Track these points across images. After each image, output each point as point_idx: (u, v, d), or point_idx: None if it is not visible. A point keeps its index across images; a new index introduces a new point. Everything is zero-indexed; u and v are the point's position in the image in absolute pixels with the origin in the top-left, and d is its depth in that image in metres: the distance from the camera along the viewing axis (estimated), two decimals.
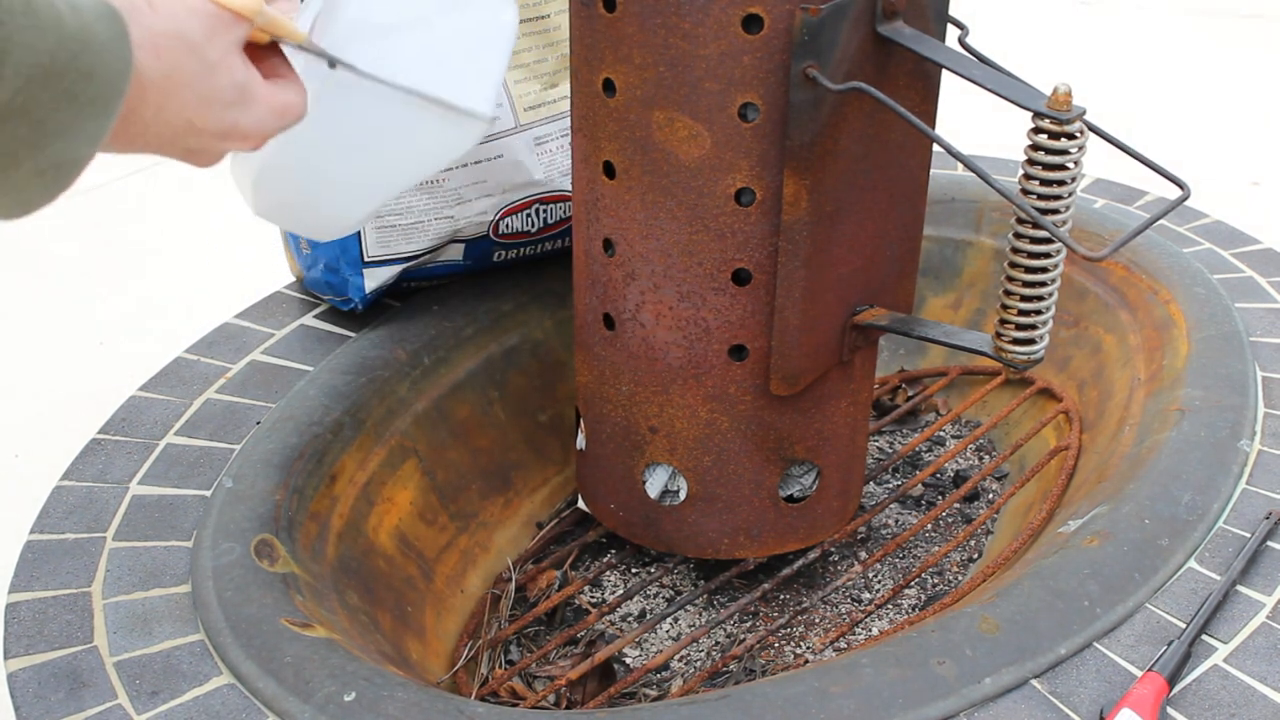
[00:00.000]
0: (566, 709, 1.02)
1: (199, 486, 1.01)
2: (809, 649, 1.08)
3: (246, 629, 0.86)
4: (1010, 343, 0.90)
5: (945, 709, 0.80)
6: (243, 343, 1.19)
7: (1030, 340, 0.90)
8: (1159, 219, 0.87)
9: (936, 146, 0.87)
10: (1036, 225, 0.83)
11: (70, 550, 0.95)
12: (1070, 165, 0.82)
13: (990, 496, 1.28)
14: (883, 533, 1.23)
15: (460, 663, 1.05)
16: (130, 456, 1.05)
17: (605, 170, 0.93)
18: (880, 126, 0.90)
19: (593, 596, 1.17)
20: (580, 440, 1.09)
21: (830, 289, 0.93)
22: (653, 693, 1.05)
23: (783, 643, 1.09)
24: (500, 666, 1.08)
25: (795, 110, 0.83)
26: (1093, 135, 0.86)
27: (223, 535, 0.94)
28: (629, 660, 1.09)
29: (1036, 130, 0.82)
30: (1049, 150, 0.82)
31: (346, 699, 0.80)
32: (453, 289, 1.26)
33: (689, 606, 1.13)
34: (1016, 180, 0.86)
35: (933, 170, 0.98)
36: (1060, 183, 0.83)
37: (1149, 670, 0.81)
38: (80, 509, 1.00)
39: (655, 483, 1.04)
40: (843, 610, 1.13)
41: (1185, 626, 0.86)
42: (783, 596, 1.14)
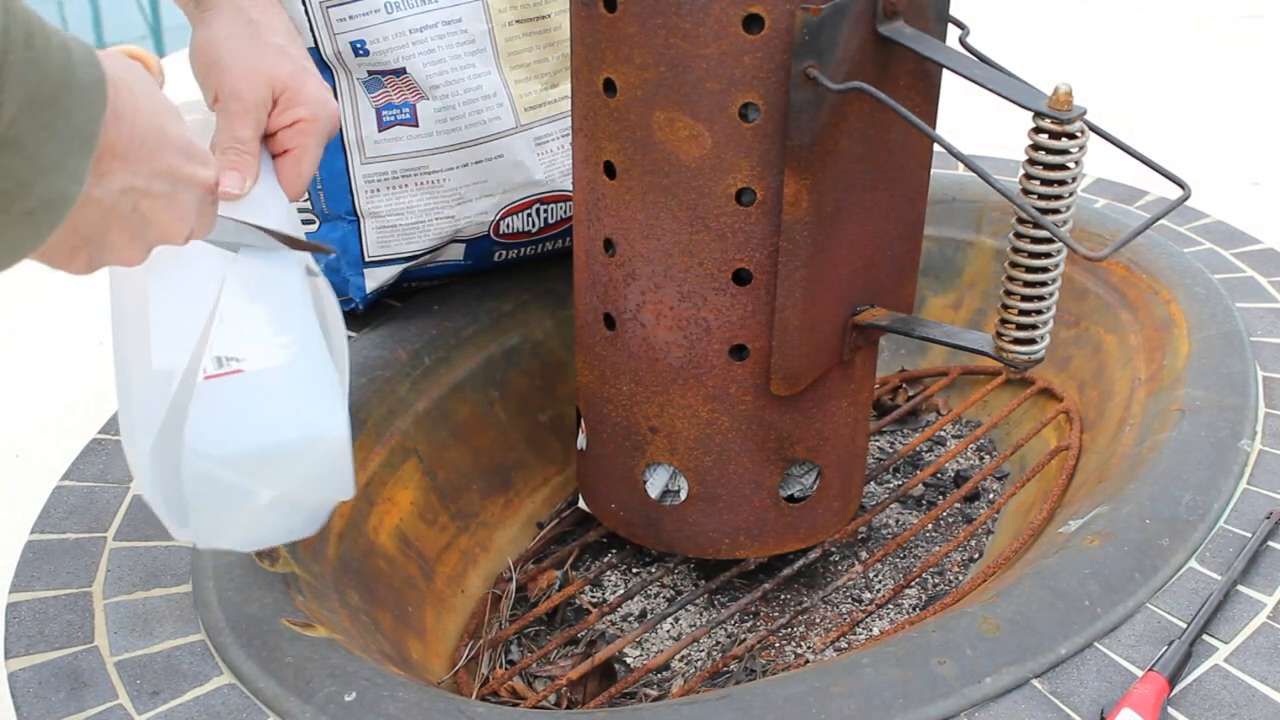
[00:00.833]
0: (567, 709, 1.02)
1: None
2: (809, 649, 1.08)
3: (247, 629, 0.86)
4: (1011, 343, 0.90)
5: (946, 709, 0.80)
6: None
7: (1031, 340, 0.90)
8: (1160, 219, 0.87)
9: (937, 146, 0.87)
10: (1037, 225, 0.83)
11: (71, 550, 0.95)
12: (1071, 165, 0.82)
13: (991, 496, 1.28)
14: (883, 533, 1.23)
15: (461, 663, 1.05)
16: None
17: (606, 170, 0.93)
18: (881, 127, 0.90)
19: (593, 596, 1.17)
20: (581, 440, 1.09)
21: (831, 289, 0.93)
22: (653, 693, 1.05)
23: (783, 643, 1.09)
24: (501, 666, 1.08)
25: (796, 110, 0.83)
26: (1093, 135, 0.86)
27: None
28: (630, 660, 1.09)
29: (1037, 130, 0.82)
30: (1050, 150, 0.82)
31: (347, 699, 0.80)
32: (453, 289, 1.26)
33: (690, 606, 1.13)
34: (1017, 180, 0.86)
35: (933, 170, 0.98)
36: (1061, 182, 0.83)
37: (1150, 670, 0.81)
38: (81, 509, 1.00)
39: (656, 482, 1.04)
40: (843, 610, 1.13)
41: (1186, 626, 0.86)
42: (783, 596, 1.14)
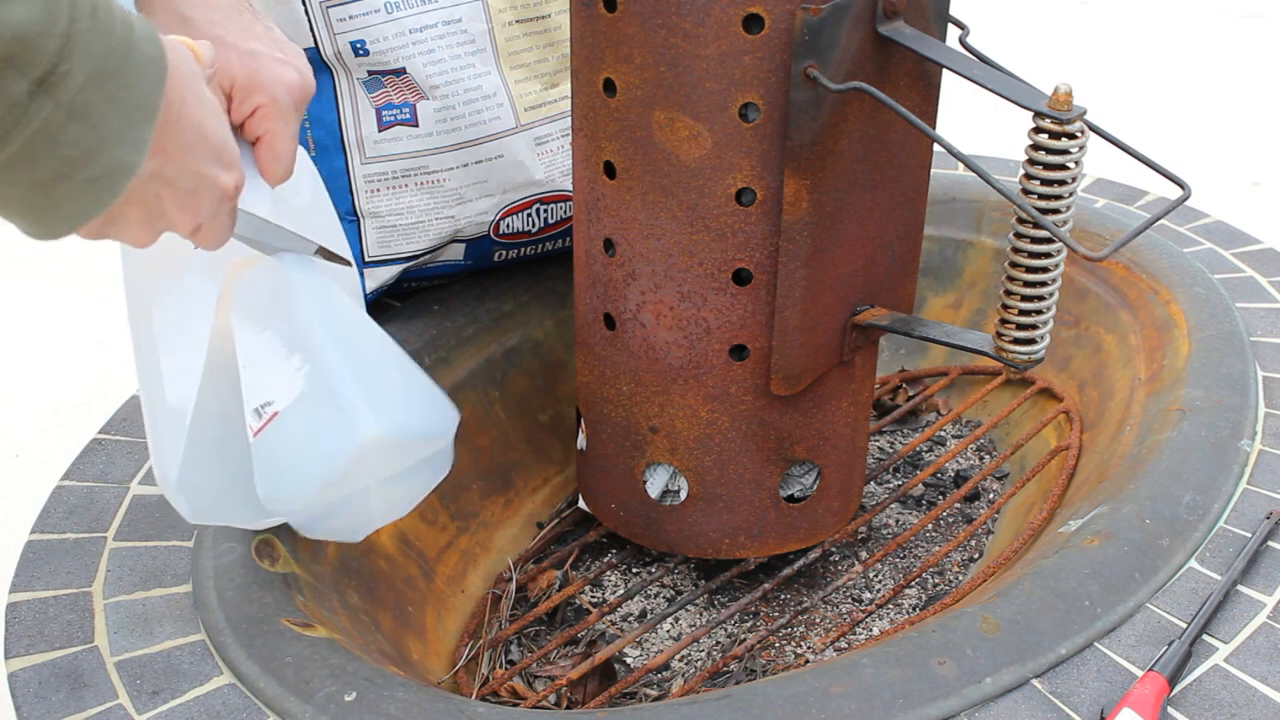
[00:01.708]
0: (567, 709, 1.02)
1: None
2: (810, 649, 1.08)
3: (247, 629, 0.86)
4: (1011, 342, 0.90)
5: (946, 709, 0.80)
6: None
7: (1031, 340, 0.90)
8: (1160, 219, 0.87)
9: (937, 146, 0.87)
10: (1037, 225, 0.83)
11: (71, 550, 0.95)
12: (1071, 165, 0.82)
13: (991, 496, 1.28)
14: (883, 532, 1.23)
15: (461, 663, 1.05)
16: (131, 456, 1.05)
17: (606, 170, 0.93)
18: (881, 126, 0.90)
19: (593, 596, 1.17)
20: (581, 440, 1.09)
21: (831, 289, 0.93)
22: (653, 692, 1.05)
23: (783, 642, 1.09)
24: (501, 666, 1.08)
25: (796, 110, 0.83)
26: (1093, 135, 0.86)
27: (223, 535, 0.94)
28: (629, 660, 1.09)
29: (1037, 130, 0.82)
30: (1050, 150, 0.82)
31: (347, 699, 0.80)
32: (453, 289, 1.26)
33: (689, 606, 1.13)
34: (1017, 180, 0.86)
35: (933, 170, 0.98)
36: (1061, 182, 0.83)
37: (1150, 670, 0.81)
38: (81, 509, 1.00)
39: (656, 482, 1.04)
40: (843, 610, 1.13)
41: (1186, 626, 0.86)
42: (783, 596, 1.14)
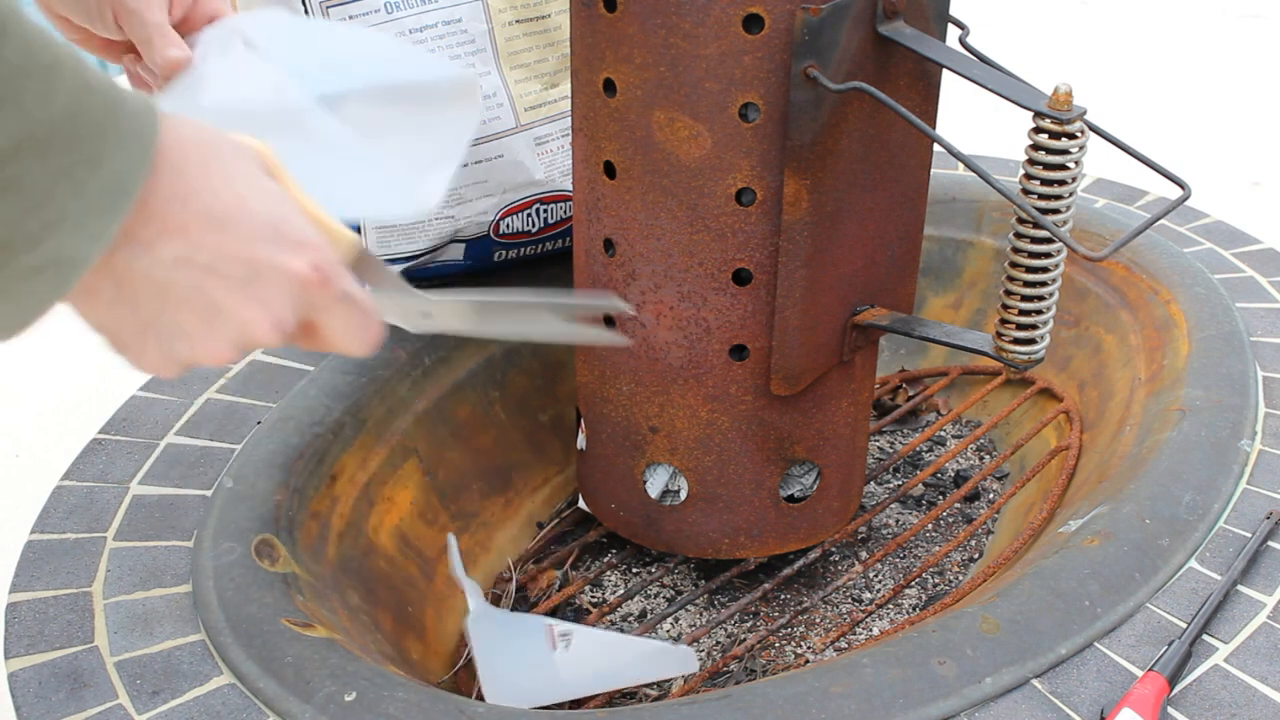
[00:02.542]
0: (568, 709, 1.02)
1: (200, 486, 1.01)
2: (810, 649, 1.08)
3: (247, 629, 0.86)
4: (1011, 342, 0.90)
5: (946, 709, 0.80)
6: None
7: (1031, 340, 0.90)
8: (1160, 219, 0.87)
9: (937, 146, 0.87)
10: (1037, 225, 0.83)
11: (71, 550, 0.95)
12: (1071, 165, 0.82)
13: (991, 496, 1.28)
14: (883, 532, 1.23)
15: (461, 662, 1.05)
16: (131, 456, 1.05)
17: (606, 170, 0.93)
18: (881, 126, 0.90)
19: (593, 596, 1.17)
20: (581, 440, 1.09)
21: (831, 289, 0.93)
22: (653, 693, 1.05)
23: (783, 642, 1.09)
24: None
25: (796, 110, 0.83)
26: (1093, 135, 0.86)
27: (223, 535, 0.94)
28: None
29: (1037, 130, 0.82)
30: (1050, 150, 0.82)
31: (347, 699, 0.80)
32: (453, 289, 1.26)
33: (689, 606, 1.13)
34: (1017, 180, 0.86)
35: (933, 170, 0.98)
36: (1061, 182, 0.83)
37: (1150, 670, 0.81)
38: (81, 509, 1.00)
39: (656, 482, 1.04)
40: (843, 610, 1.13)
41: (1186, 626, 0.86)
42: (783, 596, 1.14)
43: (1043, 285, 0.88)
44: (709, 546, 1.05)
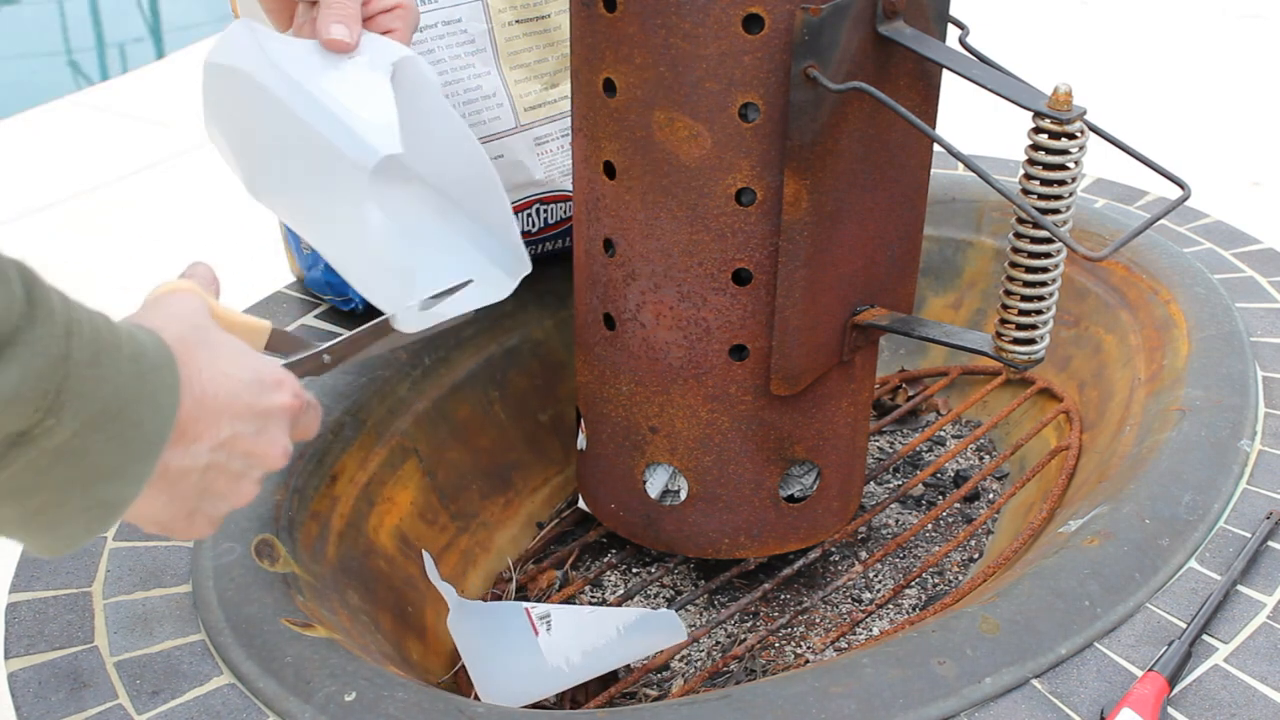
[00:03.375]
0: (567, 709, 1.02)
1: None
2: (809, 649, 1.08)
3: (247, 629, 0.86)
4: (1011, 343, 0.90)
5: (946, 709, 0.80)
6: None
7: (1031, 340, 0.90)
8: (1159, 219, 0.87)
9: (937, 146, 0.87)
10: (1037, 225, 0.83)
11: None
12: (1071, 165, 0.82)
13: (991, 496, 1.28)
14: (883, 533, 1.23)
15: (460, 663, 1.05)
16: None
17: (606, 170, 0.93)
18: (881, 126, 0.90)
19: (593, 596, 1.17)
20: (581, 440, 1.09)
21: (831, 289, 0.93)
22: (653, 692, 1.05)
23: (783, 643, 1.09)
24: None
25: (795, 110, 0.83)
26: (1093, 135, 0.86)
27: (223, 535, 0.94)
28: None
29: (1037, 130, 0.82)
30: (1049, 150, 0.82)
31: (347, 699, 0.80)
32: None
33: (689, 606, 1.13)
34: (1017, 180, 0.86)
35: (933, 170, 0.98)
36: (1061, 182, 0.83)
37: (1149, 670, 0.81)
38: None
39: (656, 483, 1.04)
40: (843, 610, 1.13)
41: (1186, 626, 0.86)
42: (783, 596, 1.14)
43: (1043, 285, 0.88)
44: (709, 546, 1.05)
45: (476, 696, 0.95)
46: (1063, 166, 0.82)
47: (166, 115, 2.82)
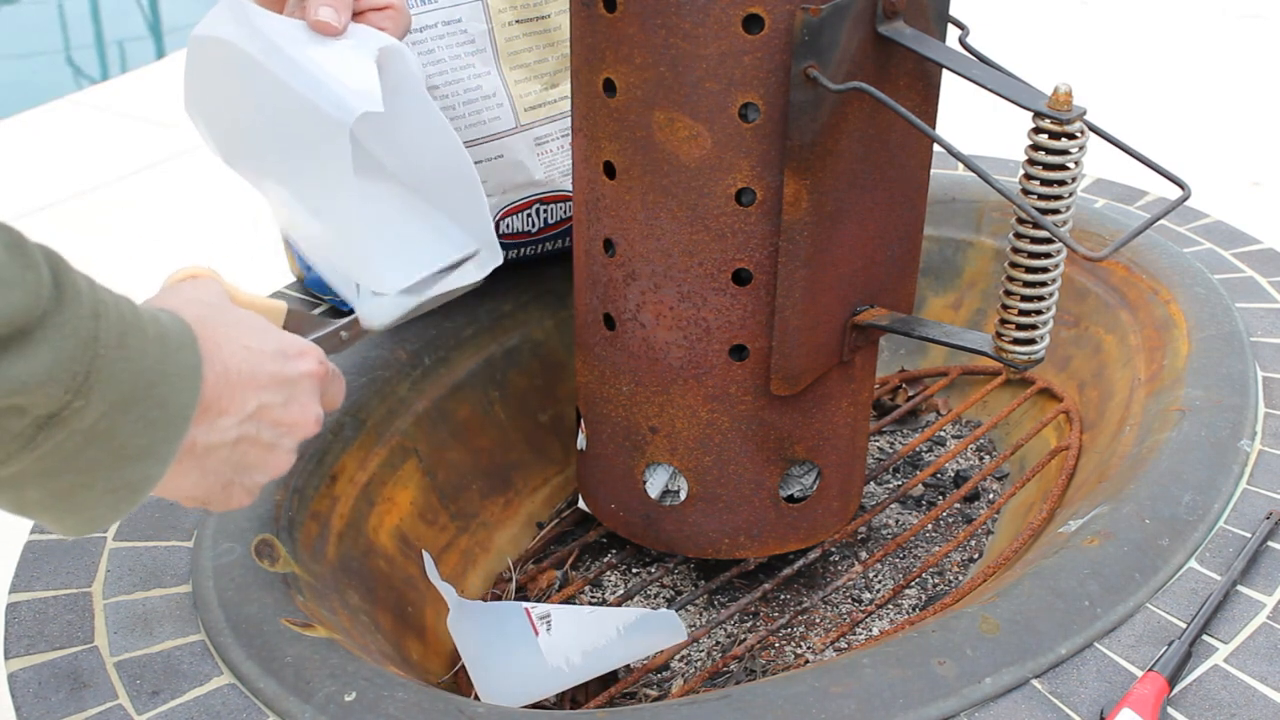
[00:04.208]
0: (568, 709, 1.02)
1: None
2: (809, 649, 1.08)
3: (247, 629, 0.86)
4: (1011, 343, 0.90)
5: (945, 709, 0.80)
6: None
7: (1031, 340, 0.90)
8: (1159, 219, 0.87)
9: (937, 146, 0.87)
10: (1037, 225, 0.83)
11: (70, 550, 0.95)
12: (1071, 165, 0.82)
13: (990, 496, 1.28)
14: (883, 533, 1.23)
15: (461, 663, 1.05)
16: None
17: (605, 170, 0.93)
18: (881, 126, 0.90)
19: (593, 596, 1.17)
20: (581, 440, 1.09)
21: (831, 289, 0.93)
22: (653, 693, 1.05)
23: (783, 643, 1.09)
24: None
25: (795, 110, 0.83)
26: (1093, 135, 0.86)
27: (223, 535, 0.94)
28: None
29: (1037, 130, 0.82)
30: (1049, 150, 0.82)
31: (347, 699, 0.80)
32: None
33: (689, 606, 1.13)
34: (1017, 180, 0.86)
35: (933, 170, 0.98)
36: (1061, 183, 0.83)
37: (1149, 670, 0.81)
38: None
39: (656, 483, 1.04)
40: (843, 610, 1.13)
41: (1186, 626, 0.86)
42: (783, 596, 1.14)
43: (1042, 285, 0.88)
44: (709, 547, 1.05)
45: (476, 696, 0.95)
46: (1063, 166, 0.82)
47: (166, 115, 2.82)
